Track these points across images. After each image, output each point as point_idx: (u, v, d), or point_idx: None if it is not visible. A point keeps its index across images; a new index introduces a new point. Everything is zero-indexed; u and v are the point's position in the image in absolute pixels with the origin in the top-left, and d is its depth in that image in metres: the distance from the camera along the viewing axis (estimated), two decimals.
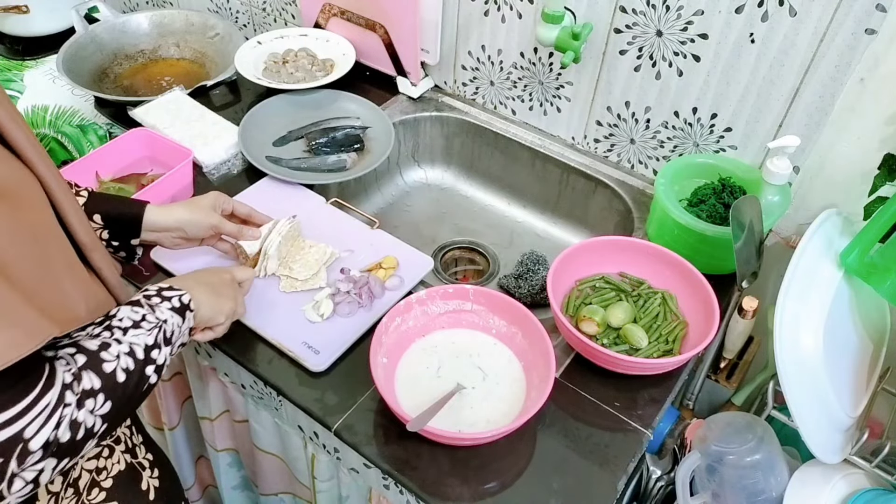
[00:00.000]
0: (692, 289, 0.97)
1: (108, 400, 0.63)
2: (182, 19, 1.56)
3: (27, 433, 0.56)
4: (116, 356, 0.65)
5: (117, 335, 0.67)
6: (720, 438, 0.88)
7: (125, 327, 0.68)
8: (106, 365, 0.64)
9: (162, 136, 1.19)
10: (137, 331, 0.69)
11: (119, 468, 0.76)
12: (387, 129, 1.27)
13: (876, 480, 0.90)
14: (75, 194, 0.86)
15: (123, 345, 0.67)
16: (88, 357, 0.63)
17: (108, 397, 0.63)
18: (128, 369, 0.66)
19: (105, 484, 0.74)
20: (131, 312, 0.70)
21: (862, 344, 0.95)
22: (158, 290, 0.75)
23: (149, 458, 0.82)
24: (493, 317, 0.94)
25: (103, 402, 0.63)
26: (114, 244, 0.89)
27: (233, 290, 0.87)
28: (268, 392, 0.97)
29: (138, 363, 0.67)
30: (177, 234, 0.93)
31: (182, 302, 0.76)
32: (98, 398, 0.62)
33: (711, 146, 1.12)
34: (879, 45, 0.89)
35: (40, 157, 0.64)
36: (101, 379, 0.63)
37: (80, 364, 0.63)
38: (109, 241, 0.88)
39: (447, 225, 1.37)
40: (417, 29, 1.29)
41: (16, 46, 1.61)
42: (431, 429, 0.79)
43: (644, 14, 1.05)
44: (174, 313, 0.74)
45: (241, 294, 0.89)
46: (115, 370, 0.65)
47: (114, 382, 0.64)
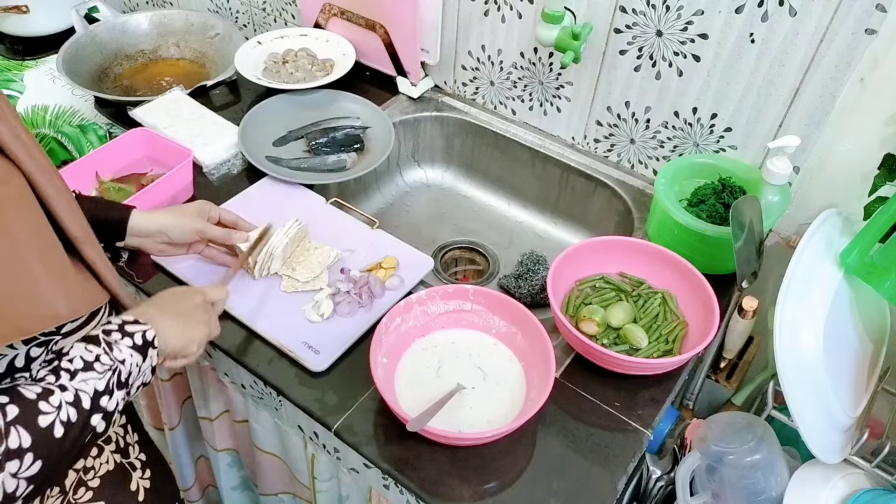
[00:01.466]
0: (692, 289, 0.97)
1: (38, 459, 0.57)
2: (182, 19, 1.56)
3: None
4: (57, 406, 0.59)
5: (63, 380, 0.61)
6: (720, 438, 0.88)
7: (74, 369, 0.62)
8: (42, 418, 0.57)
9: (162, 136, 1.19)
10: (87, 374, 0.62)
11: (107, 468, 0.75)
12: (387, 129, 1.27)
13: (876, 480, 0.90)
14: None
15: (68, 392, 0.60)
16: (22, 408, 0.57)
17: (39, 456, 0.57)
18: (68, 422, 0.59)
19: (92, 483, 0.73)
20: (85, 352, 0.64)
21: (862, 344, 0.95)
22: (121, 325, 0.68)
23: (141, 458, 0.81)
24: (493, 317, 0.94)
25: (31, 462, 0.56)
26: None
27: (205, 314, 0.81)
28: (268, 392, 0.97)
29: (82, 414, 0.61)
30: (161, 240, 0.91)
31: (145, 339, 0.69)
32: (25, 458, 0.56)
33: (711, 146, 1.12)
34: (879, 45, 0.89)
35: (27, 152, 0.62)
36: (32, 435, 0.56)
37: (11, 418, 0.56)
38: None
39: (447, 225, 1.37)
40: (417, 29, 1.29)
41: (16, 46, 1.61)
42: (431, 429, 0.79)
43: (644, 14, 1.05)
44: (134, 352, 0.67)
45: (214, 315, 0.85)
46: (53, 423, 0.58)
47: (49, 438, 0.58)
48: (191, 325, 0.78)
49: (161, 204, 1.11)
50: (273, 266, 1.00)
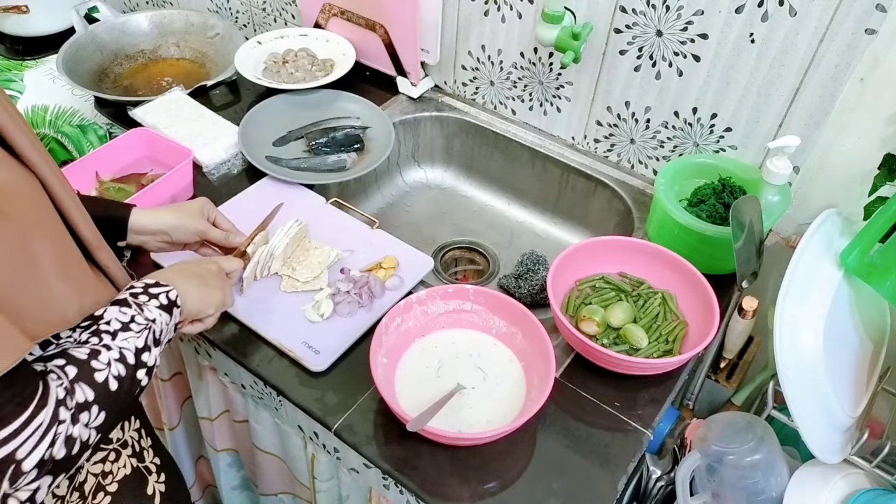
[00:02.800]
0: (692, 289, 0.97)
1: (101, 410, 0.62)
2: (182, 19, 1.56)
3: (19, 454, 0.55)
4: (107, 363, 0.64)
5: (106, 340, 0.65)
6: (720, 438, 0.88)
7: (114, 330, 0.66)
8: (98, 374, 0.62)
9: (162, 136, 1.19)
10: (127, 334, 0.67)
11: (125, 472, 0.76)
12: (387, 129, 1.27)
13: (876, 480, 0.90)
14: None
15: (113, 350, 0.65)
16: (79, 368, 0.62)
17: (102, 408, 0.62)
18: (119, 376, 0.64)
19: (110, 488, 0.74)
20: (119, 314, 0.68)
21: (862, 344, 0.95)
22: (145, 287, 0.72)
23: (156, 462, 0.81)
24: (493, 317, 0.94)
25: (97, 413, 0.62)
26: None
27: (220, 281, 0.85)
28: (268, 392, 0.97)
29: (129, 369, 0.65)
30: (161, 238, 0.92)
31: (169, 298, 0.73)
32: (92, 410, 0.61)
33: (711, 146, 1.12)
34: (879, 45, 0.89)
35: (42, 158, 0.63)
36: (94, 390, 0.62)
37: (72, 376, 0.61)
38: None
39: (447, 225, 1.37)
40: (417, 29, 1.29)
41: (16, 46, 1.61)
42: (431, 429, 0.79)
43: (644, 14, 1.05)
44: (162, 311, 0.72)
45: (228, 284, 0.87)
46: (108, 379, 0.63)
47: (107, 391, 0.63)
48: (208, 288, 0.82)
49: (161, 204, 1.11)
50: (273, 266, 1.00)
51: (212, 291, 0.82)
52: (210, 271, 0.84)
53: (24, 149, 0.62)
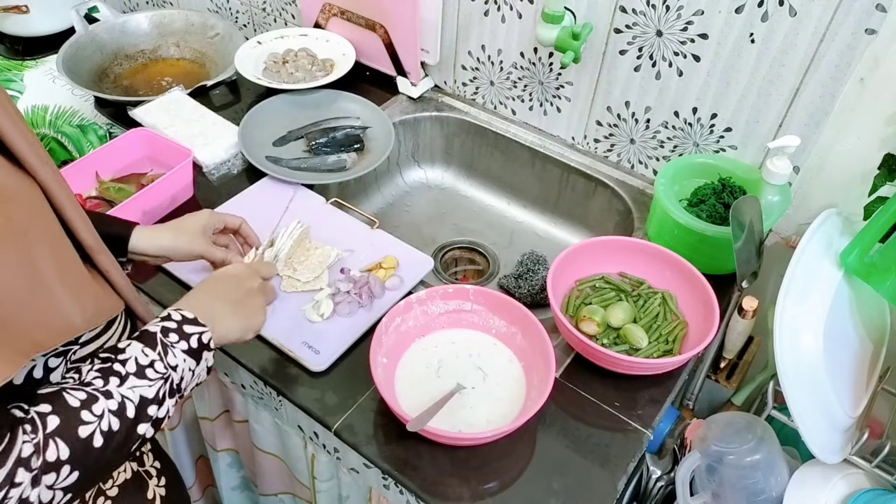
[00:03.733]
0: (692, 289, 0.97)
1: (75, 470, 0.57)
2: (182, 19, 1.56)
3: None
4: (99, 415, 0.59)
5: (111, 385, 0.61)
6: (720, 438, 0.88)
7: (126, 373, 0.62)
8: (82, 429, 0.57)
9: (162, 136, 1.19)
10: (139, 381, 0.62)
11: (125, 476, 0.75)
12: (387, 129, 1.27)
13: (876, 480, 0.90)
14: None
15: (112, 400, 0.60)
16: (63, 418, 0.57)
17: (76, 468, 0.57)
18: (109, 431, 0.59)
19: (111, 493, 0.73)
20: (140, 354, 0.64)
21: (862, 344, 0.95)
22: (179, 325, 0.68)
23: (156, 465, 0.81)
24: (493, 317, 0.94)
25: (68, 473, 0.56)
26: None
27: (261, 299, 0.80)
28: (268, 392, 0.97)
29: (125, 423, 0.60)
30: (161, 259, 0.90)
31: (201, 342, 0.69)
32: (62, 470, 0.56)
33: (711, 146, 1.12)
34: (879, 45, 0.89)
35: (42, 162, 0.62)
36: (70, 447, 0.56)
37: (50, 429, 0.56)
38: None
39: (447, 225, 1.37)
40: (417, 29, 1.29)
41: (16, 46, 1.61)
42: (431, 429, 0.79)
43: (644, 14, 1.05)
44: (187, 356, 0.67)
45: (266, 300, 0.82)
46: (93, 434, 0.58)
47: (86, 449, 0.57)
48: (249, 312, 0.77)
49: (161, 204, 1.11)
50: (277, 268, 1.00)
51: (252, 315, 0.78)
52: (251, 291, 0.79)
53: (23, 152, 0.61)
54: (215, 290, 0.77)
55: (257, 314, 0.78)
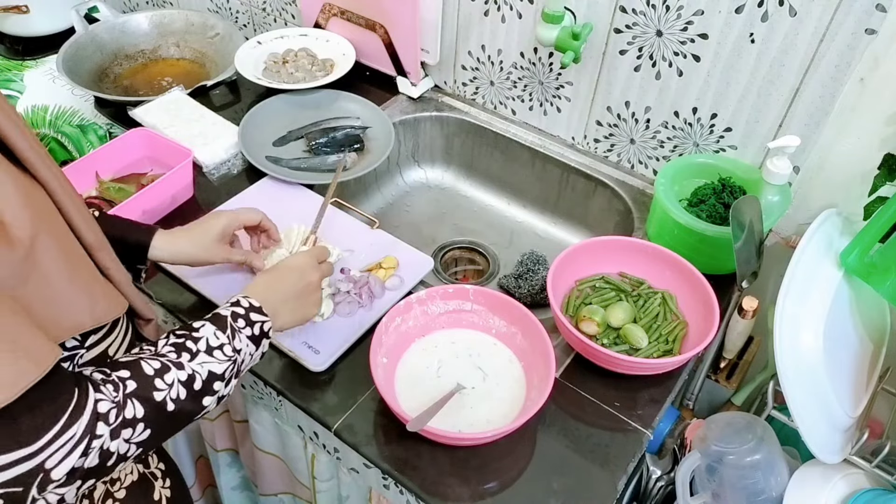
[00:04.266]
0: (692, 289, 0.97)
1: (147, 428, 0.62)
2: (182, 19, 1.56)
3: (49, 464, 0.55)
4: (171, 384, 0.64)
5: (184, 359, 0.66)
6: (720, 438, 0.88)
7: (197, 350, 0.67)
8: (157, 393, 0.63)
9: (162, 136, 1.19)
10: (209, 358, 0.68)
11: (132, 478, 0.76)
12: (387, 129, 1.27)
13: (876, 480, 0.90)
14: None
15: (184, 371, 0.65)
16: (140, 383, 0.62)
17: (149, 426, 0.62)
18: (178, 399, 0.64)
19: (118, 495, 0.74)
20: (213, 337, 0.69)
21: (862, 344, 0.95)
22: (247, 312, 0.74)
23: (161, 467, 0.82)
24: (493, 317, 0.94)
25: (142, 430, 0.62)
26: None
27: (318, 293, 0.87)
28: (268, 392, 0.97)
29: (193, 394, 0.66)
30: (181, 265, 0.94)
31: (263, 330, 0.75)
32: (137, 427, 0.61)
33: (711, 146, 1.12)
34: (879, 45, 0.89)
35: (42, 161, 0.63)
36: (145, 408, 0.62)
37: (129, 391, 0.61)
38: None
39: (447, 225, 1.37)
40: (417, 29, 1.29)
41: (16, 46, 1.61)
42: (431, 429, 0.79)
43: (644, 14, 1.05)
44: (250, 342, 0.73)
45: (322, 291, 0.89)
46: (165, 399, 0.63)
47: (159, 412, 0.63)
48: (306, 307, 0.84)
49: (161, 204, 1.11)
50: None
51: (309, 309, 0.85)
52: (310, 285, 0.84)
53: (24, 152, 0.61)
54: (282, 283, 0.82)
55: (314, 307, 0.86)
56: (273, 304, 0.78)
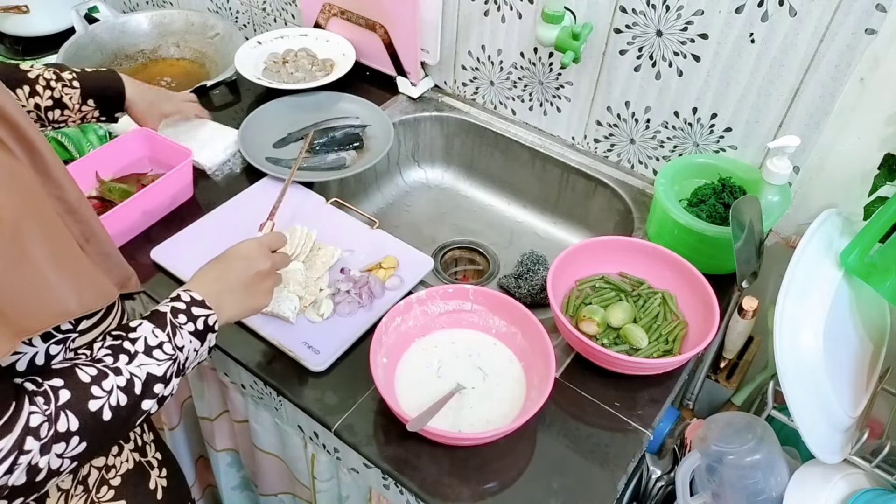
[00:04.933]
0: (692, 289, 0.97)
1: (83, 441, 0.60)
2: (182, 19, 1.56)
3: None
4: (109, 391, 0.62)
5: (121, 363, 0.64)
6: (720, 438, 0.88)
7: (135, 352, 0.65)
8: (92, 403, 0.60)
9: (161, 136, 1.19)
10: (147, 360, 0.65)
11: (127, 466, 0.76)
12: (386, 128, 1.27)
13: (876, 480, 0.90)
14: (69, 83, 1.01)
15: (122, 377, 0.63)
16: (74, 392, 0.60)
17: (84, 438, 0.60)
18: (117, 406, 0.62)
19: (114, 482, 0.74)
20: (150, 335, 0.67)
21: (862, 344, 0.95)
22: (188, 306, 0.71)
23: (157, 457, 0.82)
24: (493, 317, 0.94)
25: (77, 443, 0.59)
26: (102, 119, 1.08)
27: (270, 282, 0.82)
28: (268, 392, 0.97)
29: (132, 399, 0.63)
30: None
31: (206, 324, 0.72)
32: (72, 441, 0.59)
33: (711, 146, 1.12)
34: (879, 45, 0.89)
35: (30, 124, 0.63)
36: (80, 420, 0.59)
37: (62, 402, 0.59)
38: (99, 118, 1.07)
39: (447, 225, 1.37)
40: (417, 29, 1.29)
41: (16, 46, 1.61)
42: (431, 429, 0.79)
43: (644, 14, 1.05)
44: (193, 338, 0.70)
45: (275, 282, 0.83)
46: (102, 408, 0.61)
47: (96, 422, 0.60)
48: (255, 297, 0.80)
49: (161, 204, 1.11)
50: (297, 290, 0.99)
51: (258, 300, 0.80)
52: (260, 274, 0.80)
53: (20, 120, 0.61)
54: (227, 274, 0.78)
55: (264, 297, 0.81)
56: (218, 295, 0.75)
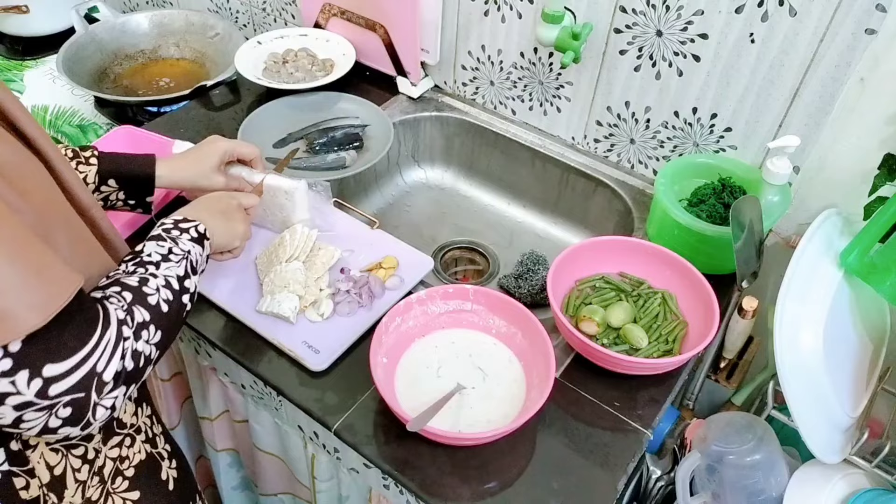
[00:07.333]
0: (692, 289, 0.97)
1: (158, 329, 0.68)
2: (182, 19, 1.56)
3: (99, 367, 0.60)
4: (156, 289, 0.69)
5: (151, 270, 0.71)
6: (720, 438, 0.88)
7: (156, 261, 0.72)
8: (150, 298, 0.68)
9: (146, 133, 1.19)
10: (168, 264, 0.73)
11: (140, 457, 0.78)
12: (386, 128, 1.27)
13: (876, 480, 0.90)
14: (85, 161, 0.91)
15: (159, 278, 0.71)
16: (133, 293, 0.67)
17: (158, 327, 0.68)
18: (168, 300, 0.70)
19: (128, 473, 0.76)
20: (157, 247, 0.74)
21: (862, 344, 0.95)
22: (175, 223, 0.78)
23: (167, 448, 0.83)
24: (493, 317, 0.94)
25: (154, 331, 0.67)
26: (130, 202, 0.95)
27: (241, 214, 0.91)
28: (268, 392, 0.97)
29: (175, 293, 0.71)
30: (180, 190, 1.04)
31: (199, 231, 0.79)
32: (150, 329, 0.67)
33: (711, 146, 1.12)
34: (879, 45, 0.89)
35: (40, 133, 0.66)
36: (148, 312, 0.67)
37: (129, 301, 0.66)
38: (126, 200, 0.94)
39: (447, 225, 1.37)
40: (417, 29, 1.29)
41: (16, 46, 1.61)
42: (431, 429, 0.79)
43: (644, 14, 1.05)
44: (194, 243, 0.78)
45: (248, 218, 0.93)
46: (159, 302, 0.69)
47: (160, 313, 0.68)
48: (232, 221, 0.88)
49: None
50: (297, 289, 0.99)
51: (235, 224, 0.88)
52: (231, 206, 0.89)
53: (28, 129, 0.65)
54: (199, 202, 0.87)
55: (240, 222, 0.89)
56: (195, 215, 0.82)
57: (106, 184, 0.91)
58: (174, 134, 1.25)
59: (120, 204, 0.94)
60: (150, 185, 0.93)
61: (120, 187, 0.92)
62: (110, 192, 0.92)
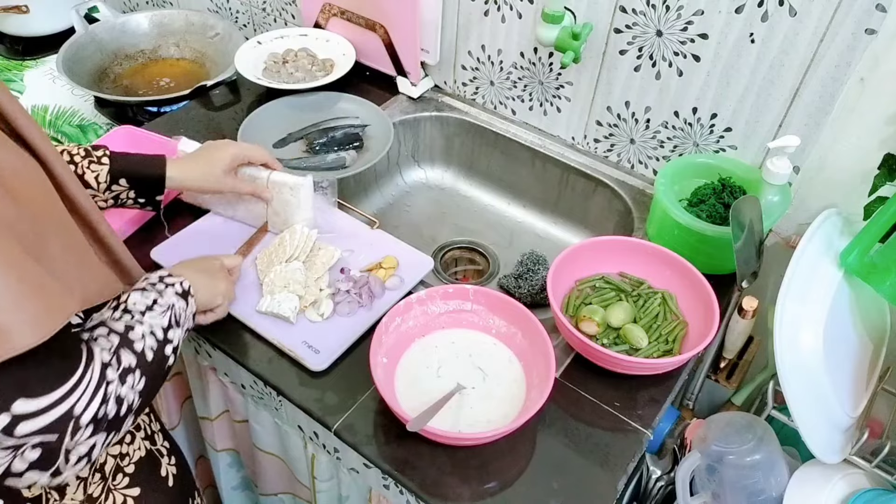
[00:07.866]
0: (692, 289, 0.97)
1: (143, 376, 0.67)
2: (182, 19, 1.56)
3: (76, 410, 0.58)
4: (142, 336, 0.69)
5: (137, 318, 0.70)
6: (720, 438, 0.88)
7: (141, 310, 0.71)
8: (136, 344, 0.68)
9: (146, 133, 1.19)
10: (152, 314, 0.72)
11: (140, 454, 0.78)
12: (386, 128, 1.27)
13: (876, 480, 0.90)
14: (97, 160, 0.92)
15: (145, 326, 0.70)
16: (120, 337, 0.67)
17: (143, 374, 0.67)
18: (153, 349, 0.70)
19: (128, 469, 0.76)
20: (142, 297, 0.73)
21: (862, 344, 0.95)
22: (160, 278, 0.78)
23: (166, 445, 0.84)
24: (493, 317, 0.94)
25: (139, 377, 0.66)
26: (140, 201, 0.97)
27: (224, 273, 0.91)
28: (268, 392, 0.97)
29: (159, 343, 0.71)
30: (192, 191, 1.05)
31: (183, 287, 0.79)
32: (136, 374, 0.66)
33: (711, 146, 1.12)
34: (879, 45, 0.89)
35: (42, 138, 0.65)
36: (135, 357, 0.67)
37: (116, 343, 0.66)
38: (136, 199, 0.96)
39: (447, 225, 1.37)
40: (417, 29, 1.29)
41: (16, 46, 1.61)
42: (431, 429, 0.79)
43: (644, 14, 1.05)
44: (179, 298, 0.77)
45: (231, 279, 0.93)
46: (144, 349, 0.68)
47: (144, 360, 0.68)
48: (215, 280, 0.88)
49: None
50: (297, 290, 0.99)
51: (217, 283, 0.88)
52: (214, 266, 0.90)
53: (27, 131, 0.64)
54: (183, 264, 0.88)
55: (222, 280, 0.90)
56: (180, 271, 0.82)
57: (117, 183, 0.93)
58: (174, 134, 1.25)
59: (130, 202, 0.97)
60: (160, 184, 0.95)
61: (131, 186, 0.94)
62: (121, 190, 0.94)
